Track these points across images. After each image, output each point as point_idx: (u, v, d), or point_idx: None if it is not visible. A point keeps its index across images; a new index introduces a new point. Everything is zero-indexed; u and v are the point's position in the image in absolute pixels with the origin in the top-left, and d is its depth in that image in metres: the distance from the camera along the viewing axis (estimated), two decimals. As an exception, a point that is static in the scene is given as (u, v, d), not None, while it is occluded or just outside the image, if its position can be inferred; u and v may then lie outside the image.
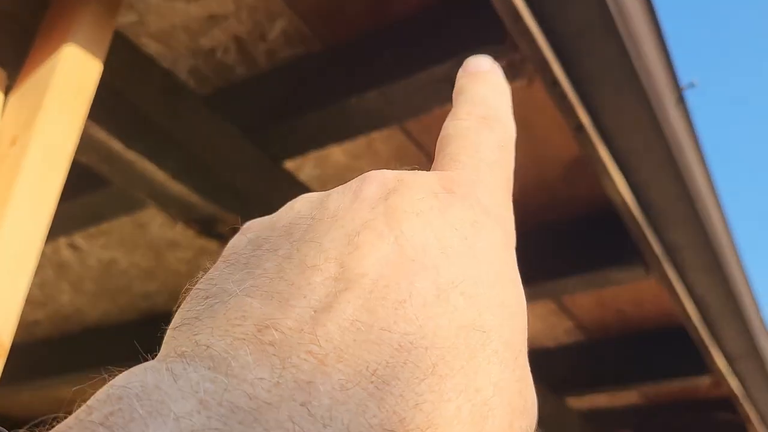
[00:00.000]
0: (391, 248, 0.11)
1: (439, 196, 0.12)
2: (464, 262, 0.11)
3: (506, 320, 0.11)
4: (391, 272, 0.10)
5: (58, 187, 0.63)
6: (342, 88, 0.89)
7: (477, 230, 0.12)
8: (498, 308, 0.11)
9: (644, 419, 1.79)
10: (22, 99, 0.67)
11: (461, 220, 0.12)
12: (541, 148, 1.12)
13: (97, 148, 0.77)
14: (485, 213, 0.12)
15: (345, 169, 1.17)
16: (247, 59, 0.97)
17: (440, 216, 0.12)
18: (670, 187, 0.96)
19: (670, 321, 1.50)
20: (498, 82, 0.16)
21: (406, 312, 0.10)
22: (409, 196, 0.12)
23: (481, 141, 0.14)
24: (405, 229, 0.11)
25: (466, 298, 0.10)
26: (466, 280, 0.11)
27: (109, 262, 1.42)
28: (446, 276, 0.11)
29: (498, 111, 0.15)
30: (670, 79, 0.87)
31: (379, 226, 0.11)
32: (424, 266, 0.11)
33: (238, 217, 0.67)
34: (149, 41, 0.95)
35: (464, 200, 0.12)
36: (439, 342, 0.10)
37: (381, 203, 0.12)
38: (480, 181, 0.13)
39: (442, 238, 0.11)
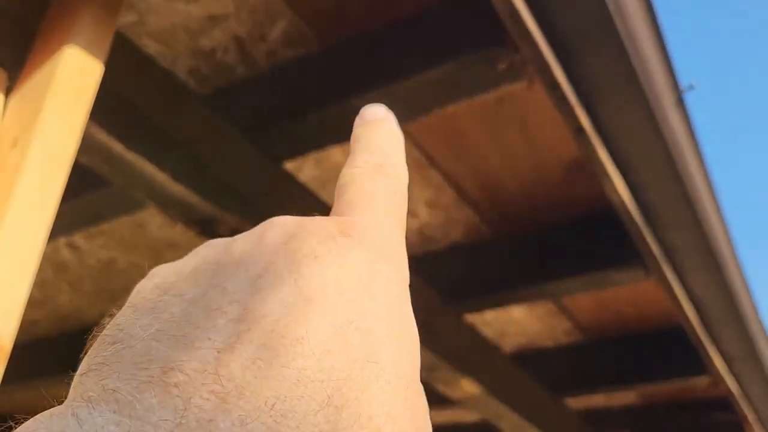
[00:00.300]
0: (291, 290, 0.12)
1: (337, 240, 0.13)
2: (360, 301, 0.12)
3: (399, 353, 0.12)
4: (290, 312, 0.11)
5: (59, 189, 0.63)
6: (342, 88, 0.90)
7: (372, 271, 0.13)
8: (391, 342, 0.12)
9: (642, 419, 1.79)
10: (22, 100, 0.67)
11: (357, 262, 0.13)
12: (541, 150, 1.12)
13: (98, 148, 0.77)
14: (380, 255, 0.13)
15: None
16: (248, 59, 0.97)
17: (337, 259, 0.12)
18: (669, 189, 0.97)
19: (669, 322, 1.50)
20: (392, 130, 0.17)
21: (303, 349, 0.11)
22: (308, 240, 0.13)
23: (376, 188, 0.15)
24: (304, 272, 0.12)
25: (361, 334, 0.11)
26: (362, 317, 0.12)
27: (108, 262, 1.41)
28: (343, 314, 0.11)
29: (391, 159, 0.16)
30: (669, 81, 0.88)
31: (280, 269, 0.12)
32: (321, 306, 0.11)
33: (238, 218, 0.67)
34: (149, 41, 0.94)
35: (360, 243, 0.13)
36: (335, 375, 0.11)
37: (282, 248, 0.13)
38: (375, 225, 0.14)
39: (339, 279, 0.12)
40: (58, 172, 0.63)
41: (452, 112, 1.06)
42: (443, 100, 0.86)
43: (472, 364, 1.26)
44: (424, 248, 1.34)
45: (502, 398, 1.33)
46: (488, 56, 0.80)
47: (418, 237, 1.32)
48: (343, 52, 0.93)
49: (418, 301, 0.68)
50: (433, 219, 1.27)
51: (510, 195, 1.21)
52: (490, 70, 0.81)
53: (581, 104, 0.82)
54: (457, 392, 1.29)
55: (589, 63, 0.78)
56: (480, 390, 1.27)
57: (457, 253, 1.32)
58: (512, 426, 1.44)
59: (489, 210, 1.25)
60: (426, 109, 0.88)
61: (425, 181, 1.19)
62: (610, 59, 0.77)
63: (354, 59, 0.91)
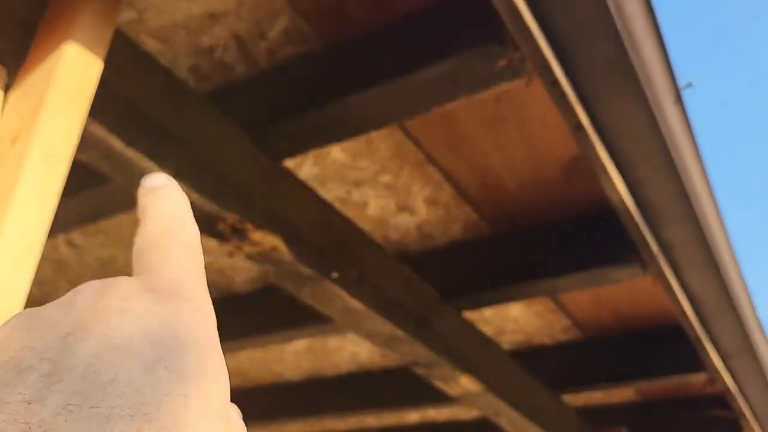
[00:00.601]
0: (100, 341, 0.13)
1: (143, 295, 0.15)
2: (167, 343, 0.14)
3: (205, 384, 0.14)
4: (100, 360, 0.13)
5: (59, 185, 0.63)
6: (342, 86, 0.90)
7: (178, 318, 0.14)
8: (198, 375, 0.13)
9: (639, 416, 1.80)
10: (22, 97, 0.67)
11: (163, 311, 0.14)
12: (539, 148, 1.13)
13: (97, 145, 0.76)
14: (184, 303, 0.15)
15: (344, 167, 1.17)
16: (248, 57, 0.97)
17: (144, 310, 0.14)
18: (667, 186, 0.97)
19: (666, 319, 1.51)
20: (175, 194, 0.19)
21: (114, 389, 0.12)
22: (115, 298, 0.14)
23: (171, 247, 0.17)
24: (113, 324, 0.14)
25: (169, 371, 0.13)
26: (169, 356, 0.13)
27: (107, 259, 1.41)
28: (150, 356, 0.13)
29: (179, 219, 0.18)
30: (668, 79, 0.88)
31: (89, 325, 0.14)
32: (130, 351, 0.13)
33: (237, 216, 0.67)
34: (148, 39, 0.94)
35: (164, 296, 0.15)
36: (144, 409, 0.12)
37: (91, 307, 0.14)
38: (176, 279, 0.16)
39: (146, 326, 0.14)
40: (58, 167, 0.63)
41: (451, 110, 1.06)
42: (443, 98, 0.86)
43: (471, 361, 1.26)
44: (423, 245, 1.35)
45: (502, 395, 1.34)
46: (487, 54, 0.80)
47: (417, 234, 1.32)
48: (343, 50, 0.93)
49: (417, 298, 0.69)
50: (432, 216, 1.28)
51: (508, 193, 1.22)
52: (490, 67, 0.81)
53: (580, 102, 0.83)
54: (457, 389, 1.30)
55: (588, 61, 0.78)
56: (479, 387, 1.28)
57: (455, 250, 1.32)
58: (511, 423, 1.45)
59: (488, 207, 1.25)
60: (426, 107, 0.88)
61: (424, 178, 1.19)
62: (609, 57, 0.78)
63: (354, 57, 0.91)
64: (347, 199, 1.23)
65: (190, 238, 0.17)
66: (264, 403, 1.94)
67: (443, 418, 2.08)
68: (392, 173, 1.18)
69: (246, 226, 0.88)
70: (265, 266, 0.97)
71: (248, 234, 0.89)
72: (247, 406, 1.31)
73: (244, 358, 1.85)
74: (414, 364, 1.21)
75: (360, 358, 1.79)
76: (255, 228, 0.88)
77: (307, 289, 1.00)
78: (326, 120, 0.92)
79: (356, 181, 1.20)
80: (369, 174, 1.18)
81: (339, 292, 1.00)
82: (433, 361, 1.18)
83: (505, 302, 1.29)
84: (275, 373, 1.92)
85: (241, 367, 1.91)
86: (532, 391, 1.49)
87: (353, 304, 1.02)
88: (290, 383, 1.95)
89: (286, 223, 0.93)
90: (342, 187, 1.21)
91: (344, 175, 1.18)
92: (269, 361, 1.86)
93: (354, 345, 1.72)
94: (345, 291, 1.00)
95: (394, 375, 1.77)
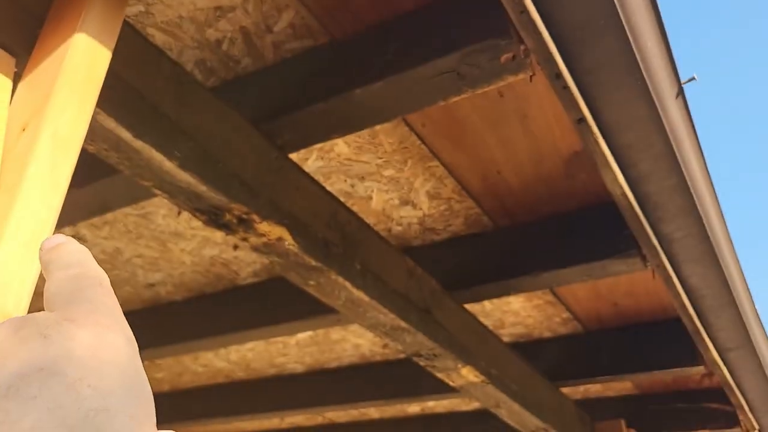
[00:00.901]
0: (20, 364, 0.14)
1: (63, 324, 0.16)
2: (90, 364, 0.15)
3: (129, 399, 0.15)
4: (22, 380, 0.14)
5: (68, 174, 0.63)
6: (348, 80, 0.90)
7: (100, 340, 0.16)
8: (121, 391, 0.15)
9: (637, 408, 1.82)
10: (31, 86, 0.67)
11: (85, 336, 0.16)
12: (541, 143, 1.13)
13: (106, 136, 0.77)
14: (107, 327, 0.16)
15: (348, 161, 1.18)
16: (254, 51, 0.97)
17: (66, 336, 0.15)
18: (668, 180, 0.98)
19: (665, 312, 1.53)
20: (75, 248, 0.20)
21: (35, 405, 0.13)
22: (36, 327, 0.16)
23: (83, 287, 0.18)
24: (34, 348, 0.15)
25: (92, 389, 0.14)
26: (92, 375, 0.14)
27: (113, 252, 1.42)
28: (74, 374, 0.14)
29: (84, 265, 0.19)
30: (670, 73, 0.89)
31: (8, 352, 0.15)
32: (53, 372, 0.14)
33: (244, 207, 0.68)
34: (156, 32, 0.95)
35: (85, 324, 0.16)
36: (68, 423, 0.13)
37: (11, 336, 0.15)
38: (93, 310, 0.17)
39: (69, 349, 0.15)
40: (68, 156, 0.64)
41: (454, 104, 1.07)
42: (448, 92, 0.87)
43: (472, 353, 1.28)
44: (426, 239, 1.36)
45: (502, 386, 1.35)
46: (492, 48, 0.81)
47: (420, 228, 1.33)
48: (349, 43, 0.93)
49: (419, 290, 0.71)
50: (435, 210, 1.29)
51: (510, 187, 1.23)
52: (495, 61, 0.82)
53: (582, 95, 0.83)
54: (458, 380, 1.31)
55: (591, 54, 0.79)
56: (480, 378, 1.29)
57: (457, 243, 1.33)
58: (511, 414, 1.47)
59: (489, 201, 1.26)
60: (431, 101, 0.89)
61: (427, 172, 1.20)
62: (612, 51, 0.78)
63: (359, 51, 0.91)
64: (351, 192, 1.24)
65: (100, 278, 0.19)
66: (267, 394, 1.96)
67: (443, 409, 2.10)
68: (396, 167, 1.19)
69: (252, 217, 0.89)
70: (271, 257, 0.98)
71: (254, 225, 0.90)
72: (250, 398, 1.35)
73: (248, 349, 1.86)
74: (416, 355, 1.22)
75: (362, 350, 1.80)
76: (261, 219, 0.89)
77: (312, 281, 1.01)
78: (332, 113, 0.93)
79: (360, 175, 1.21)
80: (373, 168, 1.19)
81: (343, 283, 1.01)
82: (435, 352, 1.20)
83: (506, 295, 1.31)
84: (278, 364, 1.94)
85: (244, 359, 1.92)
86: (532, 382, 1.50)
87: (357, 295, 1.04)
88: (293, 375, 1.97)
89: (292, 214, 0.94)
90: (346, 180, 1.22)
91: (348, 168, 1.19)
92: (272, 352, 1.87)
93: (356, 337, 1.74)
94: (349, 282, 1.01)
95: (396, 367, 1.78)
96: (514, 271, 1.25)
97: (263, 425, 2.39)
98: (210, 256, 1.41)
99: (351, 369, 1.86)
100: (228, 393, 1.99)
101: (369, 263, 1.06)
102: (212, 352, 1.87)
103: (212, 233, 1.34)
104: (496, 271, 1.26)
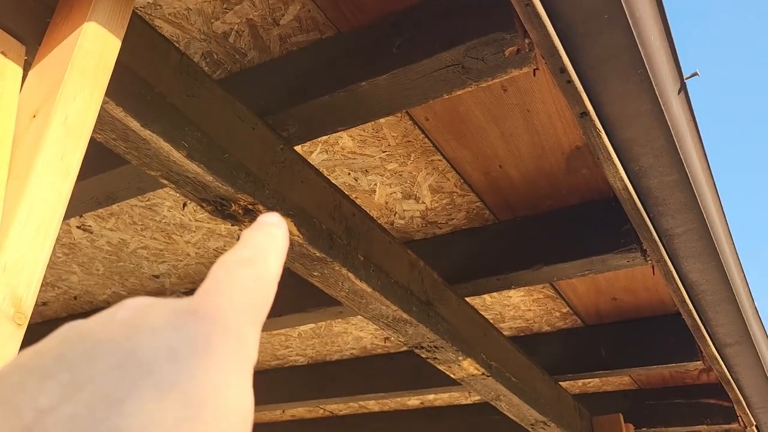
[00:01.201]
0: (123, 356, 0.13)
1: (180, 316, 0.14)
2: (189, 367, 0.13)
3: (222, 416, 0.13)
4: (117, 376, 0.13)
5: (78, 160, 0.64)
6: (353, 73, 0.91)
7: (209, 343, 0.14)
8: (217, 406, 0.13)
9: (635, 403, 1.83)
10: (42, 74, 0.68)
11: (195, 334, 0.14)
12: (543, 138, 1.14)
13: (114, 126, 0.78)
14: (222, 331, 0.15)
15: (352, 155, 1.19)
16: (260, 44, 0.98)
17: (176, 331, 0.14)
18: (669, 175, 0.99)
19: (663, 307, 1.54)
20: (274, 232, 0.18)
21: (124, 408, 0.12)
22: (153, 316, 0.14)
23: (238, 274, 0.16)
24: (142, 341, 0.14)
25: (184, 396, 0.13)
26: (187, 381, 0.13)
27: (118, 243, 1.43)
28: (168, 378, 0.13)
29: (263, 253, 0.17)
30: (673, 69, 0.90)
31: (119, 339, 0.14)
32: (150, 371, 0.13)
33: (250, 198, 0.69)
34: (163, 24, 0.96)
35: (203, 319, 0.14)
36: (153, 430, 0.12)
37: (127, 322, 0.14)
38: (226, 305, 0.15)
39: (173, 347, 0.14)
40: (78, 142, 0.64)
41: (457, 99, 1.07)
42: (452, 85, 0.88)
43: (473, 345, 1.29)
44: (428, 232, 1.37)
45: (502, 379, 1.36)
46: (497, 41, 0.82)
47: (422, 221, 1.34)
48: (354, 37, 0.94)
49: (421, 282, 0.73)
50: (437, 204, 1.29)
51: (512, 181, 1.24)
52: (499, 54, 0.82)
53: (585, 89, 0.84)
54: (459, 372, 1.32)
55: (595, 49, 0.80)
56: (480, 371, 1.30)
57: (459, 237, 1.34)
58: (510, 407, 1.48)
59: (491, 196, 1.27)
60: (436, 94, 0.89)
61: (430, 166, 1.21)
62: (616, 45, 0.79)
63: (364, 44, 0.92)
64: (355, 185, 1.25)
65: (265, 272, 0.17)
66: (268, 386, 1.97)
67: (443, 402, 2.11)
68: (399, 161, 1.20)
69: (258, 207, 0.90)
70: (274, 248, 0.98)
71: (259, 216, 0.91)
72: None
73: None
74: (417, 347, 1.23)
75: (364, 343, 1.82)
76: (266, 209, 0.90)
77: (316, 272, 1.02)
78: (337, 106, 0.94)
79: (364, 168, 1.22)
80: (376, 161, 1.20)
81: (347, 274, 1.02)
82: (436, 344, 1.21)
83: (507, 289, 1.32)
84: (280, 356, 1.95)
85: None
86: (532, 376, 1.52)
87: (360, 286, 1.05)
88: (295, 367, 1.98)
89: (297, 205, 0.95)
90: (350, 173, 1.23)
91: (352, 162, 1.20)
92: (274, 344, 1.88)
93: (358, 330, 1.75)
94: (352, 273, 1.02)
95: (397, 360, 1.80)
96: (515, 264, 1.25)
97: (264, 417, 2.40)
98: (214, 248, 1.42)
99: (352, 362, 1.88)
100: (229, 385, 2.00)
101: (372, 255, 1.07)
102: (214, 344, 1.88)
103: (217, 225, 1.35)
104: (498, 264, 1.27)
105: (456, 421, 2.06)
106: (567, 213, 1.26)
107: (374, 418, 2.23)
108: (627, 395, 1.86)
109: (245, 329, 0.15)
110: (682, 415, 1.74)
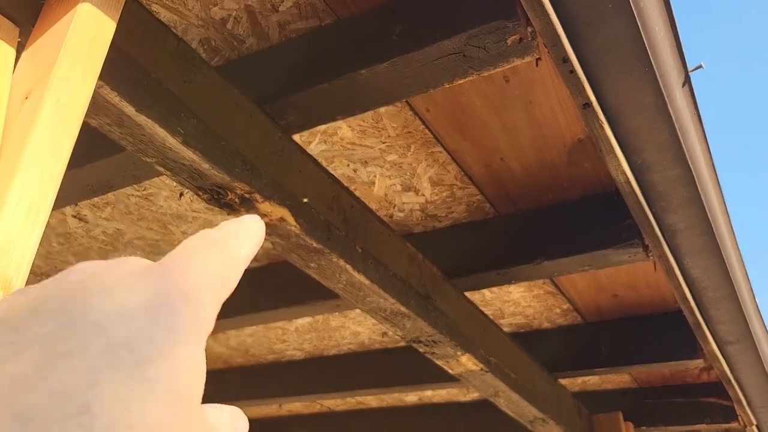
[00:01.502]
0: (72, 315, 0.13)
1: (136, 276, 0.14)
2: (138, 323, 0.13)
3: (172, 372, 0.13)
4: (65, 335, 0.12)
5: (70, 142, 0.63)
6: (352, 61, 0.90)
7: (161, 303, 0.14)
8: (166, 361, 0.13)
9: (635, 401, 1.82)
10: (35, 55, 0.67)
11: (148, 292, 0.14)
12: (544, 130, 1.13)
13: (109, 110, 0.77)
14: (178, 292, 0.14)
15: (352, 145, 1.18)
16: (259, 30, 0.97)
17: (128, 289, 0.14)
18: (672, 170, 0.97)
19: (664, 304, 1.52)
20: (252, 225, 0.18)
21: (72, 364, 0.12)
22: (105, 277, 0.14)
23: (206, 249, 0.16)
24: (92, 302, 0.13)
25: (131, 352, 0.13)
26: (136, 337, 0.13)
27: (114, 233, 1.42)
28: (119, 333, 0.13)
29: (235, 236, 0.17)
30: (677, 60, 0.88)
31: (67, 300, 0.13)
32: (99, 326, 0.13)
33: (247, 186, 0.67)
34: (161, 9, 0.94)
35: (158, 279, 0.14)
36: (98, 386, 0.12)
37: (77, 285, 0.14)
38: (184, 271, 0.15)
39: (123, 305, 0.13)
40: (70, 124, 0.63)
41: (459, 90, 1.06)
42: (453, 74, 0.86)
43: (472, 341, 1.28)
44: (427, 225, 1.35)
45: (501, 375, 1.35)
46: (499, 29, 0.80)
47: (422, 214, 1.33)
48: (354, 24, 0.93)
49: (420, 276, 0.71)
50: (437, 196, 1.28)
51: (513, 174, 1.22)
52: (501, 43, 0.81)
53: (588, 80, 0.83)
54: (457, 368, 1.31)
55: (598, 38, 0.78)
56: (479, 366, 1.29)
57: (459, 230, 1.33)
58: (509, 403, 1.47)
59: (492, 189, 1.26)
60: (436, 82, 0.88)
61: (430, 158, 1.20)
62: (620, 35, 0.78)
63: (364, 32, 0.91)
64: (354, 177, 1.24)
65: (234, 252, 0.16)
66: (265, 380, 1.96)
67: (441, 399, 2.10)
68: (399, 152, 1.18)
69: (254, 196, 0.89)
70: (272, 239, 0.97)
71: (256, 205, 0.90)
72: (248, 384, 1.35)
73: (247, 335, 1.87)
74: (416, 341, 1.22)
75: (361, 338, 1.81)
76: (263, 199, 0.89)
77: (314, 263, 1.01)
78: (336, 94, 0.92)
79: (363, 160, 1.20)
80: (376, 152, 1.18)
81: (344, 265, 1.00)
82: (434, 338, 1.20)
83: (507, 283, 1.30)
84: (277, 351, 1.94)
85: (243, 345, 1.93)
86: (531, 372, 1.50)
87: (358, 279, 1.03)
88: (292, 361, 1.97)
89: (294, 195, 0.94)
90: (349, 165, 1.21)
91: (351, 153, 1.19)
92: (271, 339, 1.87)
93: (355, 324, 1.74)
94: (350, 265, 1.01)
95: (394, 356, 1.79)
96: (515, 259, 1.24)
97: (261, 412, 2.39)
98: (211, 240, 1.40)
99: (350, 357, 1.87)
100: (226, 379, 2.00)
101: (370, 247, 1.06)
102: (211, 338, 1.88)
103: (213, 216, 1.34)
104: (498, 259, 1.26)
105: (454, 418, 2.05)
106: (568, 207, 1.24)
107: (372, 414, 2.22)
108: (627, 393, 1.84)
109: (203, 295, 0.15)
110: (682, 413, 1.73)
